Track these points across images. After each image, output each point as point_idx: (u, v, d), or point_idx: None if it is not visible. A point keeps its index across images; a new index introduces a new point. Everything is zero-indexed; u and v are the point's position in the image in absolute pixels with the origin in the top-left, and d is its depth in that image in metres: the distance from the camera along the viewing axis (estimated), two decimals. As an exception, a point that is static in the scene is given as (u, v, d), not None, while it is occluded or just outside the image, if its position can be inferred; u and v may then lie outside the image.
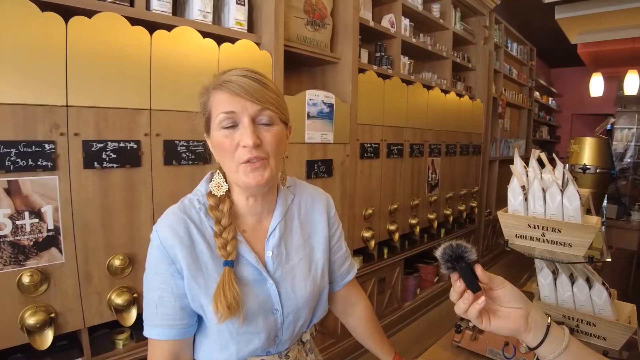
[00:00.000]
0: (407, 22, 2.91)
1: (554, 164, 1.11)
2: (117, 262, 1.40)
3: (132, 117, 1.44)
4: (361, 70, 2.44)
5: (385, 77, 2.69)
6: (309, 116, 2.10)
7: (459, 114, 3.56)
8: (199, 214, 0.78)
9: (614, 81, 6.05)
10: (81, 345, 1.38)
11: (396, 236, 2.75)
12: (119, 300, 1.40)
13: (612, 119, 6.31)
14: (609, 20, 4.08)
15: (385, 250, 2.77)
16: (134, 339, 1.52)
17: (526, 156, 1.17)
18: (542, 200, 1.06)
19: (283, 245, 0.84)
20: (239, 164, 0.73)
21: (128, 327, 1.45)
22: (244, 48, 1.76)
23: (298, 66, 2.40)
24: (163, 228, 0.75)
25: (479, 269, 0.62)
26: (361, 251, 2.60)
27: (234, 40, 1.73)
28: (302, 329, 0.87)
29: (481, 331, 1.13)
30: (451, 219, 3.49)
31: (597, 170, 2.27)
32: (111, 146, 1.39)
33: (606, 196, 2.53)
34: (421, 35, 3.18)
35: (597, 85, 5.21)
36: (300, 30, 2.11)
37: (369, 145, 2.53)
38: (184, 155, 1.57)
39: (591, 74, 5.32)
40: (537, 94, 6.26)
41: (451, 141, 3.50)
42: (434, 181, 3.28)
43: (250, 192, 0.79)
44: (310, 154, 2.14)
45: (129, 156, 1.43)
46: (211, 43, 1.63)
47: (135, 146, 1.44)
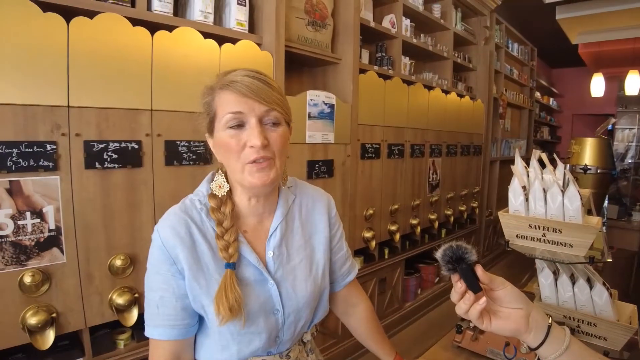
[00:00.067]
0: (407, 22, 2.91)
1: (554, 164, 1.11)
2: (118, 262, 1.40)
3: (134, 118, 1.44)
4: (362, 71, 2.44)
5: (386, 77, 2.68)
6: (309, 116, 2.11)
7: (459, 114, 3.56)
8: (200, 214, 0.78)
9: (615, 81, 6.04)
10: (82, 345, 1.38)
11: (397, 236, 2.75)
12: (120, 301, 1.40)
13: (613, 120, 6.30)
14: (610, 20, 4.07)
15: (386, 251, 2.77)
16: (135, 339, 1.52)
17: (527, 156, 1.18)
18: (543, 201, 1.06)
19: (284, 246, 0.84)
20: (245, 164, 0.73)
21: (129, 327, 1.45)
22: (245, 48, 1.76)
23: (299, 66, 2.40)
24: (164, 228, 0.75)
25: (479, 270, 0.62)
26: (362, 251, 2.60)
27: (235, 41, 1.73)
28: (303, 330, 0.88)
29: (482, 332, 1.13)
30: (452, 219, 3.49)
31: (598, 171, 2.27)
32: (112, 146, 1.39)
33: (607, 196, 2.54)
34: (422, 35, 3.18)
35: (598, 85, 5.20)
36: (301, 31, 2.11)
37: (369, 146, 2.53)
38: (185, 156, 1.58)
39: (592, 74, 5.32)
40: (538, 94, 6.26)
41: (452, 141, 3.50)
42: (434, 181, 3.27)
43: (255, 192, 0.79)
44: (311, 154, 2.15)
45: (130, 156, 1.43)
46: (212, 43, 1.64)
47: (137, 146, 1.45)
